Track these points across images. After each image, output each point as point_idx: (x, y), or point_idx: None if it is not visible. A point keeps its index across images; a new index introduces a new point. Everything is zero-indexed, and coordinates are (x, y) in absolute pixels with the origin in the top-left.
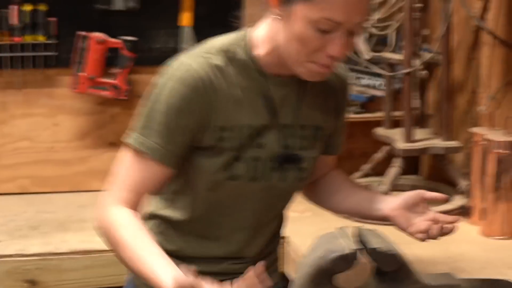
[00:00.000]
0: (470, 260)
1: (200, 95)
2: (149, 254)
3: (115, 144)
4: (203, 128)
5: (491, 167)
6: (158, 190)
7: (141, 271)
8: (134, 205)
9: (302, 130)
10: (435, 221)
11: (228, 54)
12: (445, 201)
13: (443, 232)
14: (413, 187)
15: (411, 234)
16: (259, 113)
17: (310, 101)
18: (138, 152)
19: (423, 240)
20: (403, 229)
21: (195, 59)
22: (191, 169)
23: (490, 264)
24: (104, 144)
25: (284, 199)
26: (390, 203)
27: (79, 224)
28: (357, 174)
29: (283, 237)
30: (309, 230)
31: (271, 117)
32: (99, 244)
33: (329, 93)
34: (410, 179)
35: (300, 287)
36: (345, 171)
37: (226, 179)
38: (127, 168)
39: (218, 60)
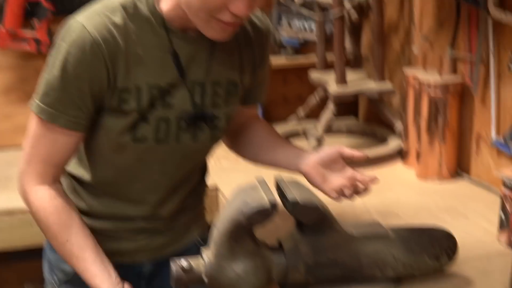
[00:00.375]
0: (404, 205)
1: (97, 57)
2: (83, 255)
3: None
4: (104, 91)
5: (425, 108)
6: (75, 155)
7: (75, 267)
8: (55, 178)
9: (215, 87)
10: (352, 180)
11: (129, 10)
12: (363, 159)
13: (357, 192)
14: (349, 130)
15: (325, 192)
16: (166, 71)
17: (222, 57)
18: (43, 120)
19: (337, 199)
20: (317, 186)
21: (92, 18)
22: (96, 130)
23: (425, 209)
24: (29, 99)
25: (198, 158)
26: (306, 159)
27: (4, 183)
28: (292, 118)
29: (207, 188)
30: (242, 180)
31: (179, 75)
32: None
33: (244, 46)
34: (346, 121)
35: (219, 243)
36: (279, 116)
37: (131, 141)
38: (37, 139)
39: (117, 18)
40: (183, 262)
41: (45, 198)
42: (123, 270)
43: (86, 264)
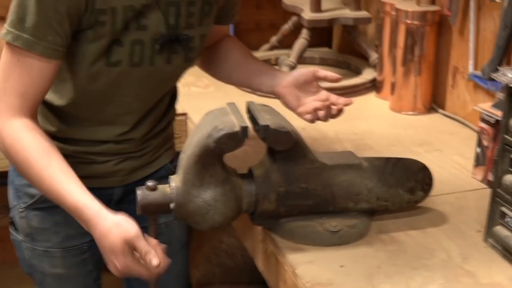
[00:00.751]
0: (377, 137)
1: None
2: (68, 179)
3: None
4: (81, 13)
5: (401, 39)
6: (50, 86)
7: (56, 194)
8: (32, 113)
9: (189, 7)
10: (326, 102)
11: None
12: (338, 80)
13: (332, 114)
14: (323, 60)
15: (299, 115)
16: None
17: None
18: (18, 49)
19: (311, 121)
20: (291, 108)
21: None
22: (70, 54)
23: (398, 141)
24: None
25: (171, 81)
26: (281, 80)
27: None
28: (265, 46)
29: (176, 113)
30: (211, 106)
31: None
32: None
33: None
34: (320, 51)
35: (187, 169)
36: (252, 44)
37: (105, 65)
38: (10, 70)
39: None
40: (149, 183)
41: (22, 129)
42: (93, 193)
43: (70, 186)
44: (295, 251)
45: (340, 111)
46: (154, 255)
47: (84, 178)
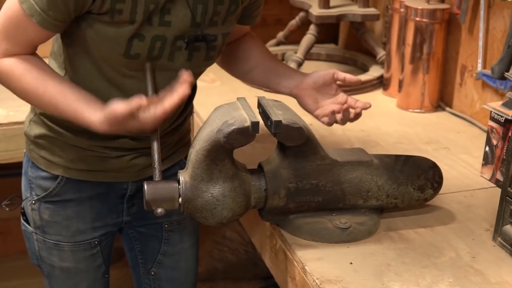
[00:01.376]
0: (385, 134)
1: None
2: (65, 98)
3: None
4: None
5: (410, 36)
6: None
7: (61, 114)
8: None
9: (217, 6)
10: (344, 105)
11: None
12: (357, 83)
13: (350, 118)
14: (329, 56)
15: (317, 117)
16: None
17: None
18: (21, 8)
19: (328, 124)
20: (309, 110)
21: None
22: (86, 40)
23: (406, 139)
24: None
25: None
26: (299, 81)
27: None
28: (271, 42)
29: (193, 109)
30: (217, 101)
31: None
32: None
33: None
34: (326, 47)
35: (196, 164)
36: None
37: (124, 56)
38: (9, 21)
39: None
40: (157, 179)
41: (14, 62)
42: (107, 187)
43: (70, 105)
44: (304, 247)
45: (358, 115)
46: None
47: (98, 172)
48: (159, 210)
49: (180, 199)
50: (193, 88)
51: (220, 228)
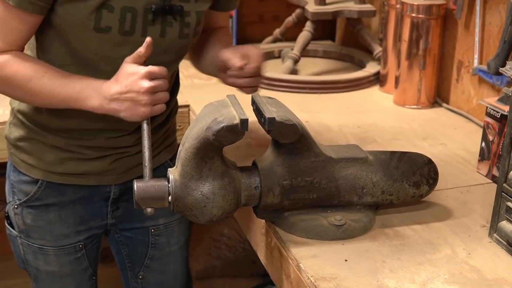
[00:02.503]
0: (381, 130)
1: None
2: (64, 80)
3: None
4: None
5: (406, 32)
6: (28, 39)
7: (63, 99)
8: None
9: None
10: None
11: None
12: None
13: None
14: (326, 53)
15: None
16: None
17: None
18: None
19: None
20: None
21: None
22: (58, 19)
23: (402, 135)
24: None
25: (167, 60)
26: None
27: None
28: (268, 38)
29: (178, 108)
30: (214, 98)
31: None
32: None
33: None
34: (323, 44)
35: (185, 162)
36: (255, 37)
37: (95, 30)
38: None
39: None
40: (147, 178)
41: (6, 58)
42: (89, 191)
43: (80, 79)
44: (299, 244)
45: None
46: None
47: (80, 175)
48: (149, 209)
49: (169, 198)
50: (175, 85)
51: (218, 225)
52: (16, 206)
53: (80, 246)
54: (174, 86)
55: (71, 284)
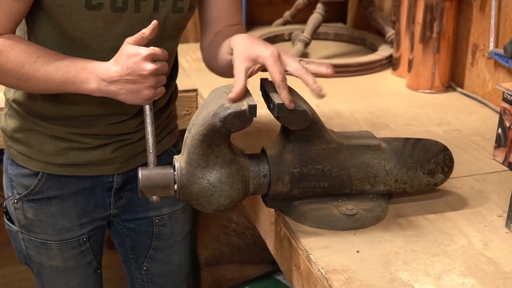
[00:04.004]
0: (394, 116)
1: None
2: (60, 63)
3: None
4: None
5: (420, 15)
6: (19, 22)
7: (59, 83)
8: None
9: None
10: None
11: None
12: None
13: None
14: (337, 36)
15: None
16: None
17: None
18: None
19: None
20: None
21: None
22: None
23: (415, 120)
24: None
25: (163, 37)
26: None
27: None
28: (278, 21)
29: (177, 93)
30: (222, 82)
31: None
32: None
33: None
34: (334, 27)
35: (191, 149)
36: (264, 19)
37: (86, 7)
38: None
39: None
40: (151, 165)
41: (0, 41)
42: (91, 182)
43: (74, 62)
44: (309, 235)
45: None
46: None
47: (81, 166)
48: (154, 197)
49: (175, 186)
50: (174, 68)
51: (227, 212)
52: (16, 201)
53: (84, 239)
54: (172, 69)
55: (76, 279)
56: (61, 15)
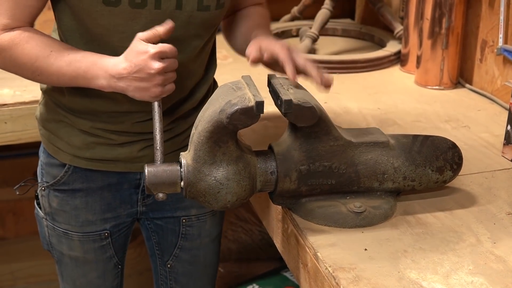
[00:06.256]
0: (402, 112)
1: None
2: (73, 57)
3: None
4: None
5: (429, 10)
6: (37, 15)
7: (73, 77)
8: (26, 23)
9: None
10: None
11: None
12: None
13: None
14: (345, 32)
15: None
16: None
17: None
18: None
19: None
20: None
21: None
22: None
23: (424, 117)
24: None
25: (187, 36)
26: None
27: None
28: (286, 17)
29: (216, 85)
30: (229, 78)
31: None
32: None
33: None
34: (342, 22)
35: (198, 146)
36: (272, 15)
37: (103, 3)
38: None
39: None
40: (158, 162)
41: (16, 33)
42: (118, 178)
43: (86, 56)
44: (317, 232)
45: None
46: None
47: (108, 161)
48: (160, 195)
49: (182, 183)
50: (209, 63)
51: (234, 208)
52: (43, 188)
53: (106, 234)
54: (208, 64)
55: (94, 271)
56: (81, 10)
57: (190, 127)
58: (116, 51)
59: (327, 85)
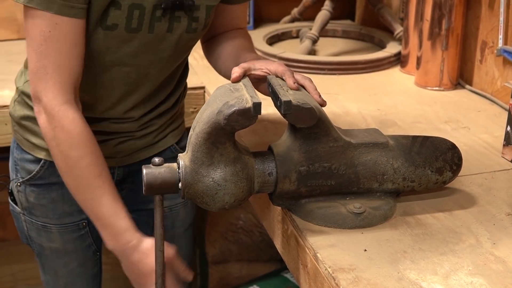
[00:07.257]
0: (402, 113)
1: None
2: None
3: None
4: None
5: (428, 11)
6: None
7: (84, 206)
8: (76, 93)
9: None
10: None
11: None
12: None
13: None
14: (345, 33)
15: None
16: None
17: None
18: (48, 15)
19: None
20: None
21: None
22: None
23: (424, 118)
24: None
25: (175, 56)
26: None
27: None
28: (286, 18)
29: (186, 91)
30: (226, 81)
31: None
32: None
33: None
34: (342, 24)
35: (196, 147)
36: (272, 16)
37: (102, 28)
38: (45, 42)
39: None
40: (156, 159)
41: (78, 122)
42: None
43: (97, 208)
44: (316, 233)
45: None
46: (189, 272)
47: None
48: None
49: (180, 184)
50: (184, 70)
51: (234, 209)
52: (19, 184)
53: (84, 224)
54: (183, 71)
55: (75, 260)
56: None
57: (165, 123)
58: (106, 69)
59: (321, 105)
